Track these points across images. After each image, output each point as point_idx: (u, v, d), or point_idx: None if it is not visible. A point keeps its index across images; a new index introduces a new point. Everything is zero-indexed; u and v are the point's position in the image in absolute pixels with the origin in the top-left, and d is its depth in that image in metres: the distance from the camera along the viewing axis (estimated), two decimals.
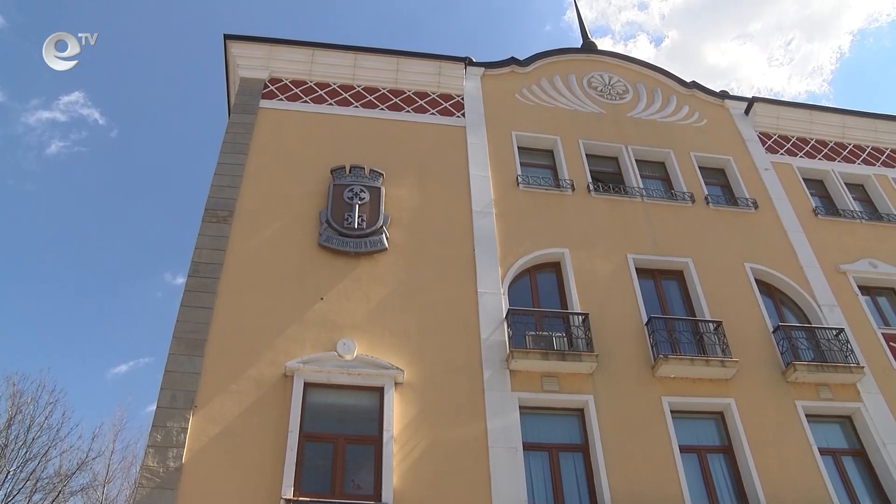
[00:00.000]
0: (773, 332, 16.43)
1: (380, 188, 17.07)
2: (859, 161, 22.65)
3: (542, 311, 15.87)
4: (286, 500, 11.83)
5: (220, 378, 13.36)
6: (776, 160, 21.54)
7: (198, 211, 16.01)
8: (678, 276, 17.58)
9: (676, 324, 16.12)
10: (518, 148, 19.42)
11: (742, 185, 20.24)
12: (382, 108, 19.49)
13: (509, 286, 16.08)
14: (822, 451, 14.69)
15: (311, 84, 19.71)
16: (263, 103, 18.88)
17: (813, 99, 76.92)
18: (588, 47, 24.15)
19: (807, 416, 15.15)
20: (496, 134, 19.51)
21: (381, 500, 12.16)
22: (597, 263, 16.89)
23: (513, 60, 21.79)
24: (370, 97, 19.71)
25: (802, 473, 14.20)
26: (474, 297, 15.52)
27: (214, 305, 14.39)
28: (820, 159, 22.30)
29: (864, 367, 15.99)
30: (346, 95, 19.61)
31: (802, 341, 16.43)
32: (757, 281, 17.67)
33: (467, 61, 20.86)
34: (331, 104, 19.29)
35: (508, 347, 14.67)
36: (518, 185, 18.35)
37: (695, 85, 23.03)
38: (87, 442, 30.02)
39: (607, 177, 19.72)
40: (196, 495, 11.87)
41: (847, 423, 15.63)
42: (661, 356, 14.94)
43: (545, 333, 15.10)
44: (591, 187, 18.77)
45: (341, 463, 12.75)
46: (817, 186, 21.70)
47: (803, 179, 21.29)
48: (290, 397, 13.16)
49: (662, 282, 17.46)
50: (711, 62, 72.21)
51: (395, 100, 19.81)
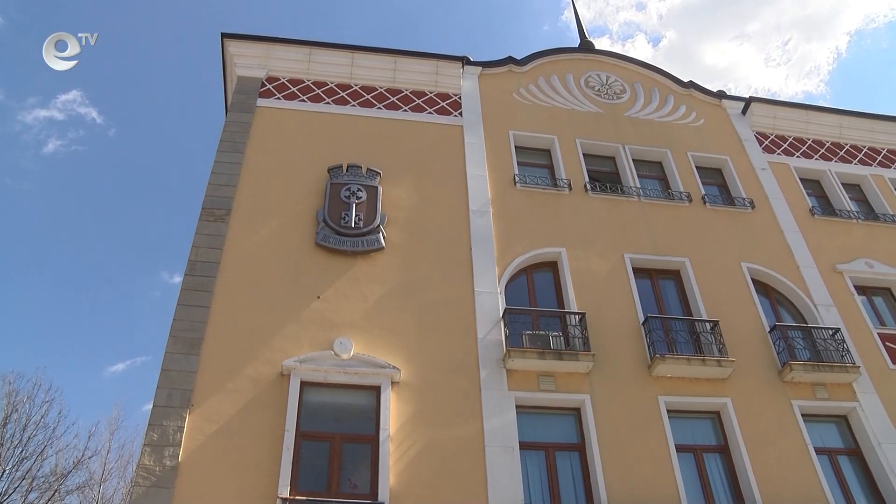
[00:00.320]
0: (770, 332, 16.45)
1: (377, 187, 17.07)
2: (856, 161, 22.69)
3: (538, 310, 15.87)
4: (282, 498, 11.83)
5: (217, 377, 13.35)
6: (773, 160, 21.57)
7: (195, 210, 16.02)
8: (675, 275, 17.60)
9: (673, 323, 16.14)
10: (515, 147, 19.43)
11: (739, 184, 20.26)
12: (380, 108, 19.49)
13: (506, 285, 16.09)
14: (818, 451, 14.72)
15: (309, 83, 19.70)
16: (260, 102, 18.86)
17: (810, 99, 77.08)
18: (585, 47, 24.13)
19: (803, 415, 15.18)
20: (493, 133, 19.52)
21: (377, 500, 12.16)
22: (594, 263, 16.91)
23: (510, 60, 21.79)
24: (367, 96, 19.71)
25: (798, 473, 14.23)
26: (471, 297, 15.53)
27: (211, 304, 14.38)
28: (817, 159, 22.33)
29: (859, 367, 16.02)
30: (344, 94, 19.60)
31: (799, 341, 16.45)
32: (753, 280, 17.69)
33: (465, 61, 20.87)
34: (328, 103, 19.29)
35: (505, 347, 14.67)
36: (515, 184, 18.36)
37: (692, 85, 23.05)
38: (83, 441, 29.97)
39: (604, 176, 19.73)
40: (192, 494, 11.86)
41: (843, 422, 15.66)
42: (658, 356, 14.96)
43: (542, 333, 15.10)
44: (589, 187, 18.79)
45: (338, 462, 12.75)
46: (814, 186, 21.72)
47: (800, 179, 21.32)
48: (287, 396, 13.15)
49: (659, 281, 17.48)
50: (709, 62, 72.32)
51: (393, 99, 19.80)
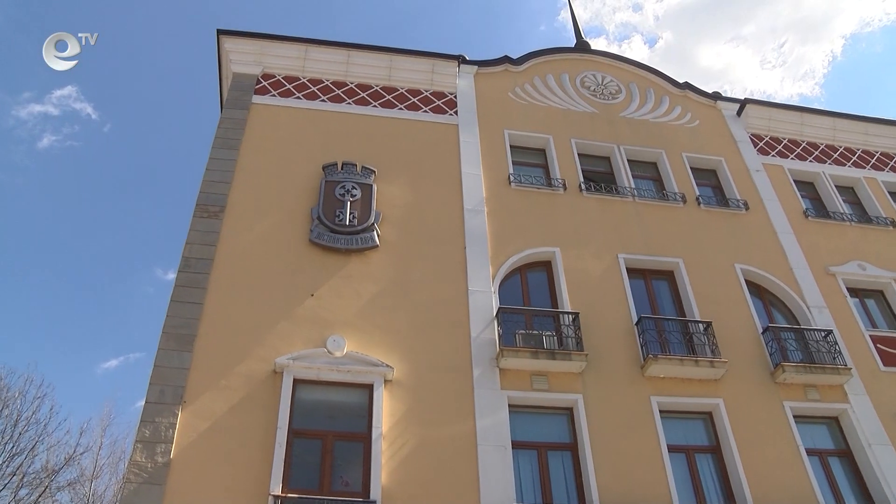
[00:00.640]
0: (763, 333, 16.50)
1: (371, 185, 17.06)
2: (849, 164, 22.75)
3: (532, 309, 15.88)
4: (274, 496, 11.81)
5: (210, 374, 13.33)
6: (767, 162, 21.62)
7: (190, 206, 16.00)
8: (668, 276, 17.64)
9: (666, 324, 16.16)
10: (510, 146, 19.44)
11: (733, 186, 20.30)
12: (375, 105, 19.47)
13: (500, 284, 16.10)
14: (809, 452, 14.77)
15: (304, 80, 19.67)
16: (256, 99, 18.84)
17: (805, 102, 77.36)
18: (581, 47, 24.13)
19: (794, 416, 15.23)
20: (488, 132, 19.52)
21: (369, 498, 12.16)
22: (587, 263, 16.93)
23: (506, 59, 21.79)
24: (363, 94, 19.69)
25: (789, 473, 14.28)
26: (465, 295, 15.53)
27: (204, 301, 14.35)
28: (811, 161, 22.39)
29: (851, 369, 16.08)
30: (339, 92, 19.58)
31: (791, 342, 16.50)
32: (747, 282, 17.74)
33: (460, 59, 20.86)
34: (323, 100, 19.27)
35: (498, 346, 14.68)
36: (510, 183, 18.37)
37: (687, 86, 23.08)
38: (74, 437, 30.02)
39: (599, 176, 19.76)
40: (184, 491, 11.84)
41: (834, 423, 15.72)
42: (651, 356, 14.99)
43: (535, 332, 15.12)
44: (583, 187, 18.80)
45: (330, 460, 12.74)
46: (808, 188, 21.79)
47: (794, 181, 21.37)
48: (280, 393, 13.14)
49: (653, 282, 17.51)
50: (705, 64, 72.43)
51: (388, 97, 19.79)
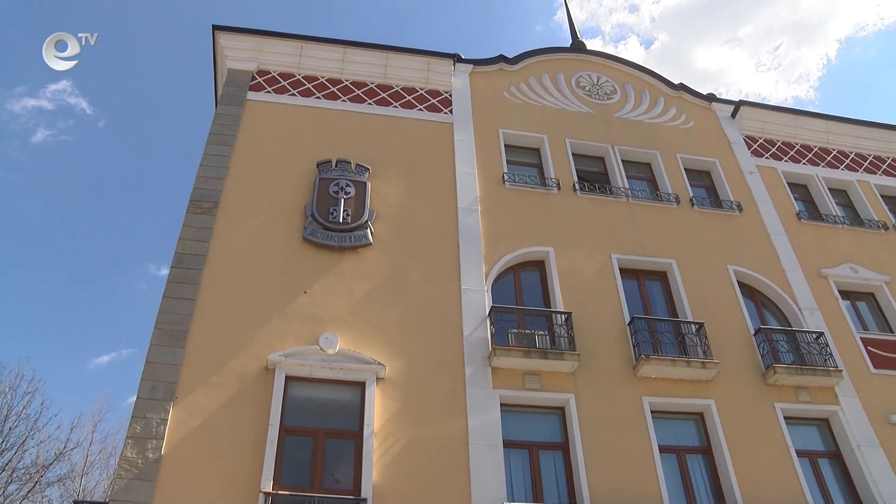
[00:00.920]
0: (755, 335, 16.55)
1: (365, 183, 17.05)
2: (843, 167, 22.83)
3: (525, 309, 15.91)
4: (265, 493, 11.81)
5: (202, 370, 13.32)
6: (761, 164, 21.67)
7: (184, 202, 15.95)
8: (661, 276, 17.68)
9: (659, 324, 16.19)
10: (505, 146, 19.45)
11: (727, 187, 20.34)
12: (370, 103, 19.46)
13: (493, 283, 16.11)
14: (799, 453, 14.84)
15: (299, 77, 19.64)
16: (251, 95, 18.80)
17: (800, 104, 77.48)
18: (577, 47, 24.15)
19: (785, 418, 15.29)
20: (483, 131, 19.52)
21: (360, 495, 12.16)
22: (581, 262, 16.95)
23: (501, 58, 21.79)
24: (358, 91, 19.68)
25: (779, 475, 14.33)
26: (458, 294, 15.54)
27: (197, 297, 14.33)
28: (804, 164, 22.45)
29: (842, 371, 16.13)
30: (334, 89, 19.56)
31: (783, 344, 16.55)
32: (739, 283, 17.78)
33: (456, 58, 20.85)
34: (318, 98, 19.24)
35: (491, 345, 14.69)
36: (504, 182, 18.38)
37: (682, 87, 23.11)
38: (65, 432, 29.79)
39: (593, 176, 19.77)
40: (174, 487, 11.83)
41: (824, 425, 15.79)
42: (643, 356, 15.02)
43: (528, 331, 15.13)
44: (577, 186, 18.82)
45: (321, 457, 12.75)
46: (801, 191, 21.86)
47: (787, 183, 21.44)
48: (272, 390, 13.13)
49: (646, 282, 17.55)
50: (700, 66, 72.52)
51: (383, 95, 19.78)
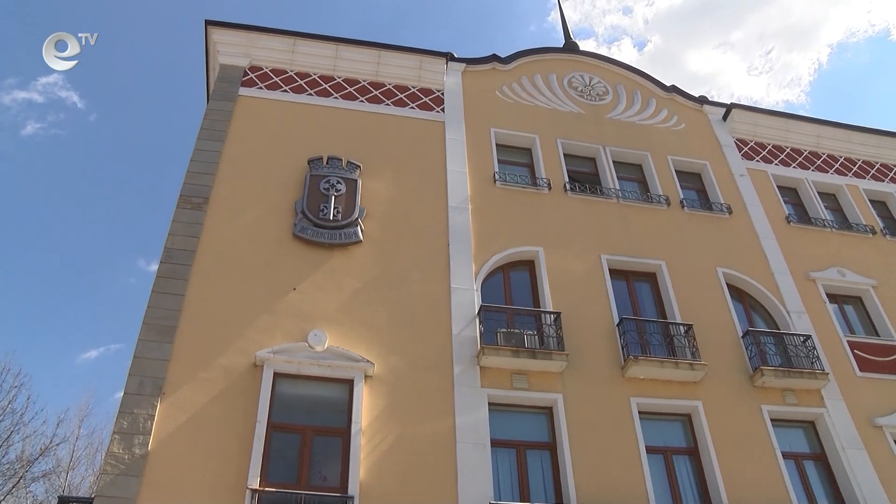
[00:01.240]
0: (743, 337, 16.61)
1: (356, 180, 17.03)
2: (832, 171, 22.94)
3: (514, 308, 15.91)
4: (252, 489, 11.77)
5: (190, 366, 13.27)
6: (751, 167, 21.74)
7: (175, 197, 15.88)
8: (651, 278, 17.72)
9: (647, 325, 16.23)
10: (496, 145, 19.44)
11: (717, 190, 20.40)
12: (362, 101, 19.43)
13: (482, 283, 16.11)
14: (785, 455, 14.90)
15: (292, 73, 19.60)
16: (243, 91, 18.75)
17: (791, 109, 77.56)
18: (570, 47, 24.17)
19: (772, 420, 15.35)
20: (475, 130, 19.52)
21: (346, 493, 12.15)
22: (570, 263, 16.97)
23: (494, 57, 21.78)
24: (350, 89, 19.65)
25: (765, 476, 14.39)
26: (447, 293, 15.54)
27: (186, 292, 14.28)
28: (794, 167, 22.53)
29: (828, 374, 16.21)
30: (327, 86, 19.52)
31: (770, 346, 16.61)
32: (728, 286, 17.84)
33: (449, 56, 20.86)
34: (310, 94, 19.21)
35: (479, 344, 14.69)
36: (495, 182, 18.38)
37: (674, 89, 23.16)
38: (51, 427, 29.61)
39: (584, 177, 19.80)
40: (161, 483, 11.77)
41: (810, 427, 15.87)
42: (631, 357, 15.05)
43: (517, 331, 15.14)
44: (568, 187, 18.84)
45: (308, 454, 12.73)
46: (790, 194, 21.95)
47: (777, 187, 21.52)
48: (260, 387, 13.09)
49: (635, 283, 17.58)
50: (693, 69, 72.79)
51: (375, 92, 19.76)
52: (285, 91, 19.10)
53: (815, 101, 73.15)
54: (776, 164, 22.33)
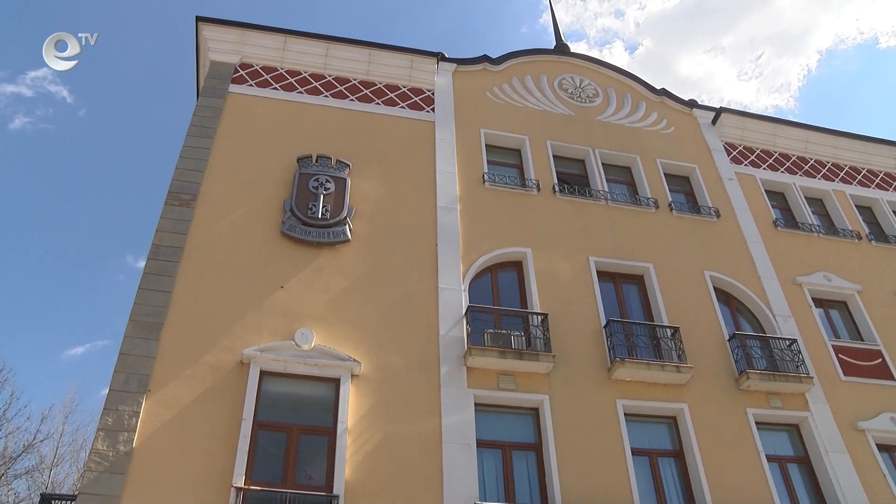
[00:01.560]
0: (729, 340, 16.69)
1: (345, 179, 17.01)
2: (819, 176, 23.07)
3: (501, 309, 15.93)
4: (237, 488, 11.75)
5: (176, 363, 13.23)
6: (740, 171, 21.85)
7: (164, 194, 15.82)
8: (638, 280, 17.77)
9: (634, 328, 16.28)
10: (486, 146, 19.45)
11: (706, 193, 20.49)
12: (352, 99, 19.41)
13: (470, 283, 16.12)
14: (769, 458, 15.02)
15: (282, 71, 19.56)
16: (233, 88, 18.69)
17: (780, 114, 77.88)
18: (561, 49, 24.19)
19: (756, 423, 15.46)
20: (464, 131, 19.52)
21: (332, 492, 12.14)
22: (558, 264, 17.01)
23: (485, 58, 21.79)
24: (341, 87, 19.62)
25: (749, 479, 14.48)
26: (435, 293, 15.55)
27: (173, 289, 14.23)
28: (782, 172, 22.65)
29: (813, 378, 16.33)
30: (317, 84, 19.49)
31: (756, 350, 16.71)
32: (715, 289, 17.92)
33: (440, 57, 20.84)
34: (301, 92, 19.16)
35: (466, 344, 14.70)
36: (484, 182, 18.39)
37: (664, 92, 23.23)
38: (35, 424, 29.38)
39: (573, 179, 19.83)
40: (145, 481, 11.73)
41: (794, 431, 15.97)
42: (618, 359, 15.09)
43: (504, 332, 15.15)
44: (557, 188, 18.88)
45: (294, 453, 12.71)
46: (778, 199, 22.06)
47: (765, 191, 21.63)
48: (246, 385, 13.07)
49: (622, 285, 17.63)
50: (684, 73, 73.09)
51: (366, 91, 19.74)
52: (275, 89, 19.05)
53: (804, 106, 73.64)
54: (764, 169, 22.44)
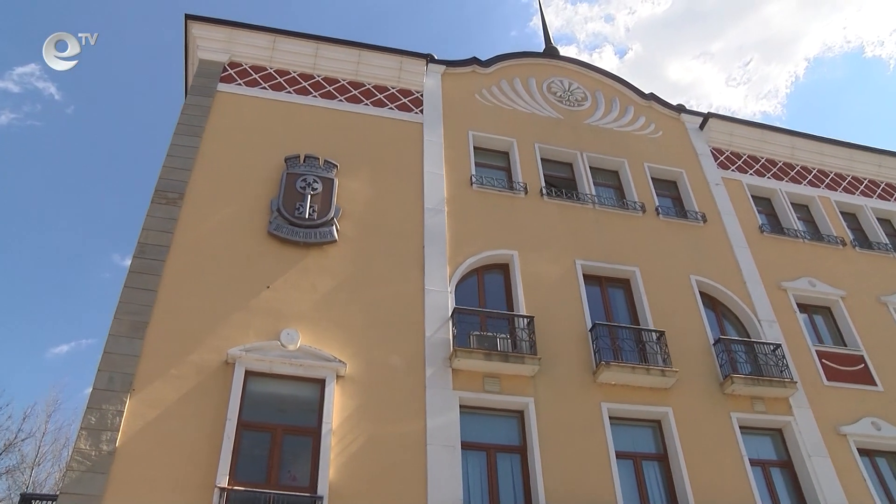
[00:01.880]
0: (714, 345, 16.76)
1: (333, 179, 16.98)
2: (805, 182, 23.21)
3: (487, 311, 15.94)
4: (220, 488, 11.70)
5: (161, 362, 13.16)
6: (727, 176, 21.95)
7: (151, 192, 15.75)
8: (625, 284, 17.82)
9: (620, 331, 16.34)
10: (474, 148, 19.45)
11: (692, 198, 20.57)
12: (341, 100, 19.37)
13: (456, 285, 16.12)
14: (753, 462, 15.10)
15: (271, 70, 19.50)
16: (221, 87, 18.61)
17: (767, 120, 78.41)
18: (550, 52, 24.23)
19: (740, 427, 15.54)
20: (453, 132, 19.52)
21: (316, 493, 12.11)
22: (545, 267, 17.03)
23: (474, 60, 21.79)
24: (329, 87, 19.58)
25: (733, 483, 14.56)
26: (421, 294, 15.54)
27: (159, 288, 14.16)
28: (769, 178, 22.78)
29: (797, 383, 16.43)
30: (306, 84, 19.45)
31: (741, 354, 16.81)
32: (701, 293, 18.00)
33: (429, 58, 20.83)
34: (289, 92, 19.11)
35: (452, 346, 14.70)
36: (471, 184, 18.40)
37: (652, 97, 23.32)
38: (16, 422, 29.13)
39: (561, 182, 19.87)
40: (128, 480, 11.66)
41: (777, 435, 16.06)
42: (603, 362, 15.13)
43: (489, 334, 15.16)
44: (544, 191, 18.91)
45: (278, 453, 12.67)
46: (764, 204, 22.17)
47: (752, 196, 21.75)
48: (231, 385, 13.01)
49: (609, 289, 17.68)
50: (673, 78, 73.37)
51: (355, 92, 19.71)
52: (264, 88, 19.00)
53: (791, 113, 74.14)
54: (751, 174, 22.56)
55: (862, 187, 23.99)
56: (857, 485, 15.41)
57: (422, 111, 19.77)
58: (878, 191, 24.17)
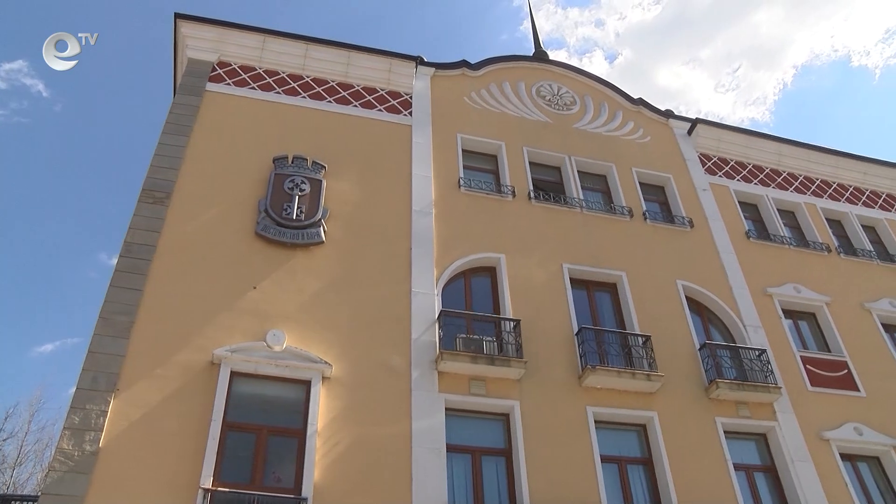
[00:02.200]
0: (699, 350, 16.83)
1: (321, 181, 16.95)
2: (791, 189, 23.35)
3: (474, 314, 15.95)
4: (204, 489, 11.64)
5: (145, 362, 13.09)
6: (714, 181, 22.06)
7: (138, 191, 15.67)
8: (611, 288, 17.87)
9: (606, 335, 16.38)
10: (462, 150, 19.47)
11: (680, 203, 20.66)
12: (330, 101, 19.34)
13: (443, 288, 16.12)
14: (737, 467, 15.17)
15: (260, 71, 19.45)
16: (210, 86, 18.54)
17: (755, 126, 78.94)
18: (539, 56, 24.30)
19: (725, 432, 15.61)
20: (441, 135, 19.53)
21: (300, 494, 12.08)
22: (532, 271, 17.06)
23: (464, 63, 21.81)
24: (318, 88, 19.55)
25: (716, 487, 14.64)
26: (408, 297, 15.53)
27: (144, 288, 14.08)
28: (756, 184, 22.90)
29: (781, 388, 16.52)
30: (295, 85, 19.41)
31: (726, 360, 16.89)
32: (687, 298, 18.08)
33: (418, 60, 20.82)
34: (278, 93, 19.06)
35: (438, 349, 14.71)
36: (459, 187, 18.42)
37: (641, 102, 23.39)
38: None
39: (549, 185, 19.92)
40: (111, 481, 11.58)
41: (761, 440, 16.15)
42: (589, 366, 15.16)
43: (476, 337, 15.17)
44: (532, 195, 18.94)
45: (263, 454, 12.62)
46: (751, 210, 22.30)
47: (738, 202, 21.87)
48: (216, 385, 12.96)
49: (595, 293, 17.72)
50: (662, 83, 73.69)
51: (344, 93, 19.68)
52: (253, 88, 18.95)
53: (778, 120, 74.61)
54: (738, 180, 22.68)
55: (847, 194, 24.18)
56: (839, 489, 15.53)
57: (411, 113, 19.76)
58: (863, 198, 24.36)
